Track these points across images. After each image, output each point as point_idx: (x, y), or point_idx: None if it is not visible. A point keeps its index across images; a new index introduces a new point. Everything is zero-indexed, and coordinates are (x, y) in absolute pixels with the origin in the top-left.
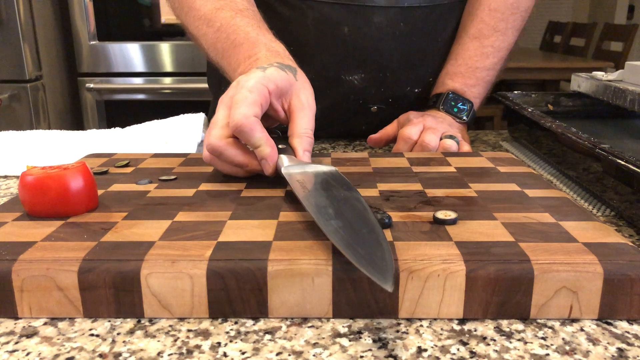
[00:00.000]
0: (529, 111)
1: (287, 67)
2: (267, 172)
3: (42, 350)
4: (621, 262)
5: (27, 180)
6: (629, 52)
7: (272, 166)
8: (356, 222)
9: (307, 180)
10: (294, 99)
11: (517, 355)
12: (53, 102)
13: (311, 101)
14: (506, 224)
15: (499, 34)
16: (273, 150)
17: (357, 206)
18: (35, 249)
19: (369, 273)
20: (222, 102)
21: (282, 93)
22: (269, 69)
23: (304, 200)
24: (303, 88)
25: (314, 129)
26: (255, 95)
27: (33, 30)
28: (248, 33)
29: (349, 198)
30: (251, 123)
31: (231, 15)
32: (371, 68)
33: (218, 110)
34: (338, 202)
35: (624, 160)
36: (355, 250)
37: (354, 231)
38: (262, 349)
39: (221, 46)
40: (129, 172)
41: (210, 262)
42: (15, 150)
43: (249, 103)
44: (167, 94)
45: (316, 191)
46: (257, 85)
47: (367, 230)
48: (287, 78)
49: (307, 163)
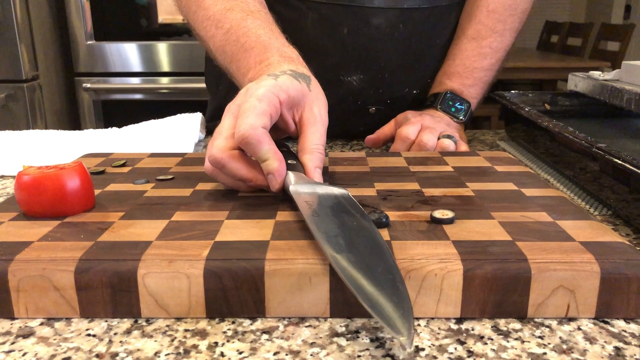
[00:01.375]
0: (526, 111)
1: (300, 75)
2: (273, 188)
3: (38, 351)
4: (618, 261)
5: (23, 180)
6: (625, 51)
7: (280, 182)
8: (370, 258)
9: (316, 202)
10: (306, 111)
11: (514, 354)
12: (50, 102)
13: (324, 114)
14: (503, 223)
15: (497, 35)
16: (281, 164)
17: (372, 239)
18: (31, 249)
19: (387, 325)
20: (228, 111)
21: (293, 104)
22: (282, 77)
23: (312, 225)
24: (317, 99)
25: (325, 144)
26: (264, 104)
27: (30, 30)
28: (259, 36)
29: (362, 228)
30: (259, 134)
31: (242, 17)
32: (370, 69)
33: (224, 119)
34: (350, 231)
35: (620, 159)
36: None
37: (368, 269)
38: (259, 349)
39: (230, 49)
40: (126, 171)
41: (207, 261)
42: (12, 150)
43: (258, 113)
44: (164, 94)
45: (327, 217)
46: (267, 94)
47: (382, 269)
48: (300, 88)
49: (318, 183)
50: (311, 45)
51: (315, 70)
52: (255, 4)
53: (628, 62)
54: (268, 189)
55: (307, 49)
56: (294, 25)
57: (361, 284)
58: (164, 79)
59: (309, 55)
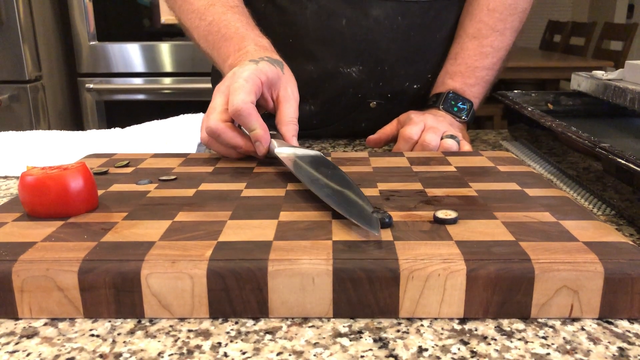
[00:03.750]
0: (529, 110)
1: (275, 61)
2: (259, 152)
3: (42, 351)
4: (622, 261)
5: (27, 181)
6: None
7: (265, 148)
8: (344, 190)
9: (298, 159)
10: (281, 90)
11: (518, 354)
12: (53, 103)
13: (296, 93)
14: (507, 223)
15: (498, 34)
16: (266, 133)
17: (343, 178)
18: (35, 250)
19: (360, 222)
20: (218, 90)
21: (271, 84)
22: (261, 63)
23: (297, 173)
24: (289, 81)
25: (297, 117)
26: (250, 84)
27: (33, 31)
28: (238, 28)
29: (335, 174)
30: (249, 108)
31: (222, 11)
32: (369, 61)
33: (215, 97)
34: (326, 176)
35: (624, 159)
36: (346, 208)
37: (343, 196)
38: (262, 349)
39: (212, 38)
40: (129, 172)
41: (210, 262)
42: (15, 150)
43: (247, 91)
44: (167, 94)
45: (308, 167)
46: (251, 75)
47: (353, 196)
48: (276, 71)
49: (296, 146)
50: (311, 36)
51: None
52: (234, 0)
53: (631, 62)
54: (255, 154)
55: (306, 40)
56: (294, 17)
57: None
58: (166, 79)
59: (309, 47)
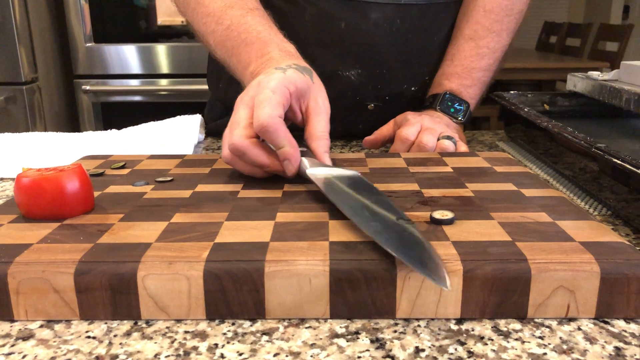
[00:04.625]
0: (526, 111)
1: (304, 69)
2: (289, 172)
3: (38, 353)
4: (618, 260)
5: (22, 183)
6: (624, 51)
7: (296, 167)
8: (395, 224)
9: (334, 182)
10: (311, 101)
11: (514, 354)
12: (49, 104)
13: (327, 104)
14: (503, 224)
15: (494, 35)
16: (296, 150)
17: (390, 209)
18: (31, 251)
19: (424, 273)
20: (241, 102)
21: (300, 95)
22: (289, 70)
23: (336, 200)
24: (320, 91)
25: (329, 131)
26: (278, 96)
27: (29, 32)
28: (260, 32)
29: (381, 201)
30: (276, 123)
31: (242, 14)
32: (368, 64)
33: (238, 109)
34: (371, 204)
35: (620, 159)
36: (406, 252)
37: (396, 233)
38: (259, 350)
39: (231, 44)
40: (125, 173)
41: (207, 263)
42: (11, 152)
43: (274, 103)
44: (164, 96)
45: (348, 194)
46: (279, 86)
47: (408, 232)
48: (306, 80)
49: (329, 166)
50: (309, 40)
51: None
52: (253, 2)
53: (627, 62)
54: (283, 174)
55: (305, 44)
56: (293, 20)
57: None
58: (163, 80)
59: (308, 50)
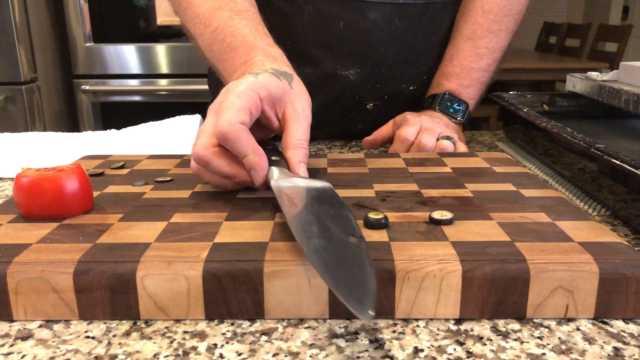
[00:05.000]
0: (525, 111)
1: (282, 73)
2: (257, 182)
3: (37, 353)
4: (617, 261)
5: (22, 182)
6: (623, 52)
7: (262, 177)
8: (341, 243)
9: (296, 195)
10: (288, 107)
11: (513, 355)
12: (48, 104)
13: (307, 110)
14: (502, 224)
15: (493, 35)
16: (262, 159)
17: (346, 225)
18: (30, 251)
19: (344, 300)
20: (211, 110)
21: (275, 100)
22: (262, 75)
23: (288, 215)
24: (299, 96)
25: (309, 140)
26: (243, 101)
27: (28, 32)
28: (245, 36)
29: (338, 216)
30: (236, 130)
31: (229, 16)
32: (367, 63)
33: (207, 118)
34: (325, 220)
35: (619, 160)
36: (334, 273)
37: (336, 252)
38: (258, 350)
39: (217, 48)
40: (125, 173)
41: (206, 263)
42: (11, 152)
43: (236, 109)
44: (163, 96)
45: (304, 207)
46: (246, 91)
47: (352, 253)
48: (281, 85)
49: (299, 177)
50: (308, 40)
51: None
52: (244, 3)
53: (626, 63)
54: (253, 184)
55: (304, 43)
56: (292, 20)
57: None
58: (162, 80)
59: (307, 50)
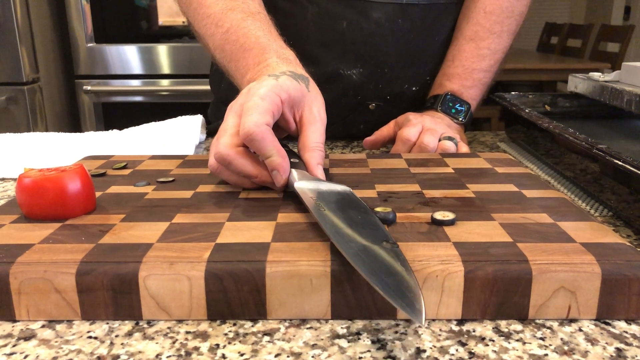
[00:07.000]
0: (527, 112)
1: (299, 76)
2: (278, 183)
3: (40, 353)
4: (619, 262)
5: (24, 183)
6: (625, 52)
7: (285, 178)
8: (377, 248)
9: (322, 198)
10: (305, 110)
11: (515, 355)
12: (50, 105)
13: (323, 113)
14: (504, 225)
15: (495, 37)
16: (285, 160)
17: (376, 230)
18: (32, 252)
19: (397, 304)
20: (231, 109)
21: (294, 103)
22: (282, 77)
23: (320, 218)
24: (315, 99)
25: (324, 142)
26: (267, 103)
27: (30, 33)
28: (259, 37)
29: (367, 221)
30: (263, 132)
31: (242, 18)
32: (369, 63)
33: (227, 117)
34: (356, 224)
35: (621, 160)
36: (380, 277)
37: (375, 257)
38: (260, 351)
39: (229, 49)
40: (127, 174)
41: (208, 263)
42: (13, 152)
43: (261, 111)
44: (165, 96)
45: (333, 212)
46: (269, 93)
47: (389, 258)
48: (300, 88)
49: (320, 180)
50: (311, 39)
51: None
52: (255, 5)
53: (628, 63)
54: (272, 185)
55: (307, 43)
56: (295, 19)
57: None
58: (164, 81)
59: (310, 49)
